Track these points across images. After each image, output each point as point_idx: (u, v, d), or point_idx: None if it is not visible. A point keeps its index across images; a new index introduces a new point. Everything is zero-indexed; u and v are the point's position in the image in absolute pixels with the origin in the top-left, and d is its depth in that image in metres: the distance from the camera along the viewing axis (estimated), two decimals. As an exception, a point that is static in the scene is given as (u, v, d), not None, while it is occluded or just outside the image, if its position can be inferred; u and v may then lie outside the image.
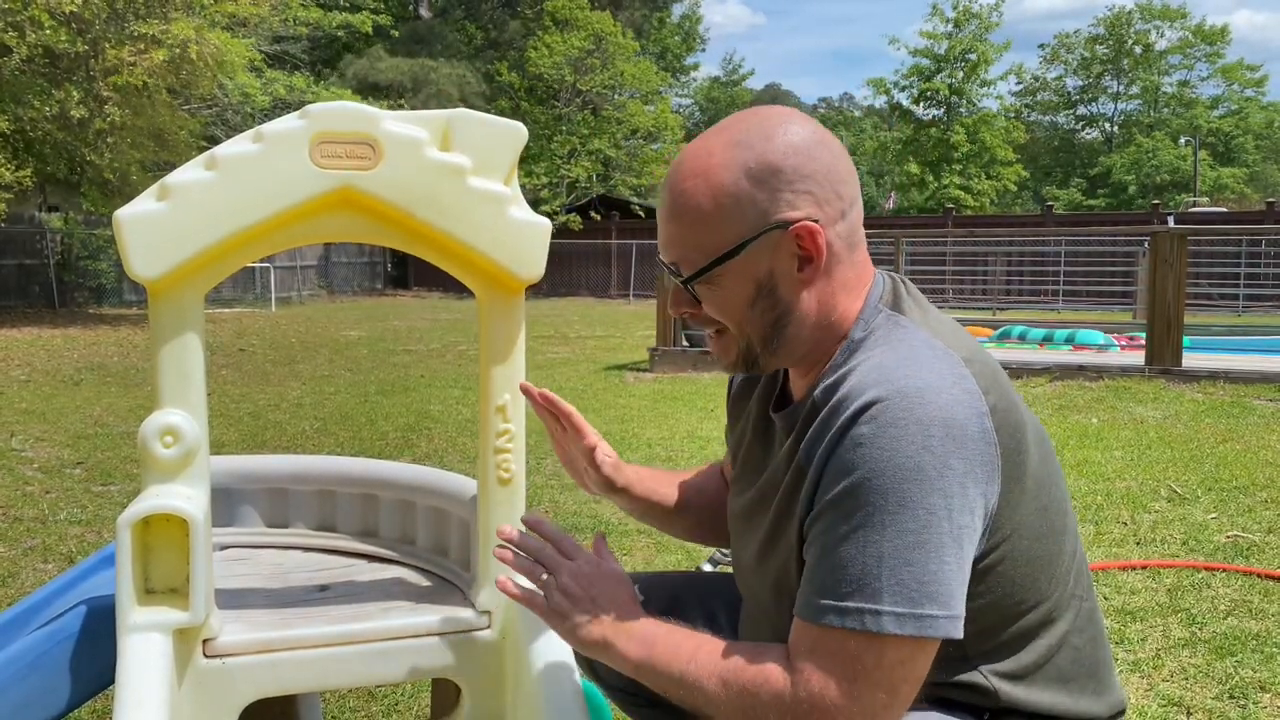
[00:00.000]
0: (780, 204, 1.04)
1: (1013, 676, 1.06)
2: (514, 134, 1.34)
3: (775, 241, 1.04)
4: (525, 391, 1.35)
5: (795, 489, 1.05)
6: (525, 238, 1.32)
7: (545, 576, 1.15)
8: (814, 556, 0.99)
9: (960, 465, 0.95)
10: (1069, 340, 9.97)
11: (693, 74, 45.35)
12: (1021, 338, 10.37)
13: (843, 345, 1.08)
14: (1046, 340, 10.11)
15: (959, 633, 0.94)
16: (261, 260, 20.78)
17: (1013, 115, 39.69)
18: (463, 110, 1.33)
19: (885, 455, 0.94)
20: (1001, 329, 10.87)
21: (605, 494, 1.39)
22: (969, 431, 0.96)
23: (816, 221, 1.04)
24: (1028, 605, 1.06)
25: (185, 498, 1.22)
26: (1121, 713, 1.16)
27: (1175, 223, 15.98)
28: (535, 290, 22.43)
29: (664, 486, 1.44)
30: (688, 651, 1.05)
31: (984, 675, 1.06)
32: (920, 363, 0.99)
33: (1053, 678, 1.08)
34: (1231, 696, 2.33)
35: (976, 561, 0.99)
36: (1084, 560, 1.14)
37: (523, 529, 1.27)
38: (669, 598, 1.39)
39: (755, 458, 1.21)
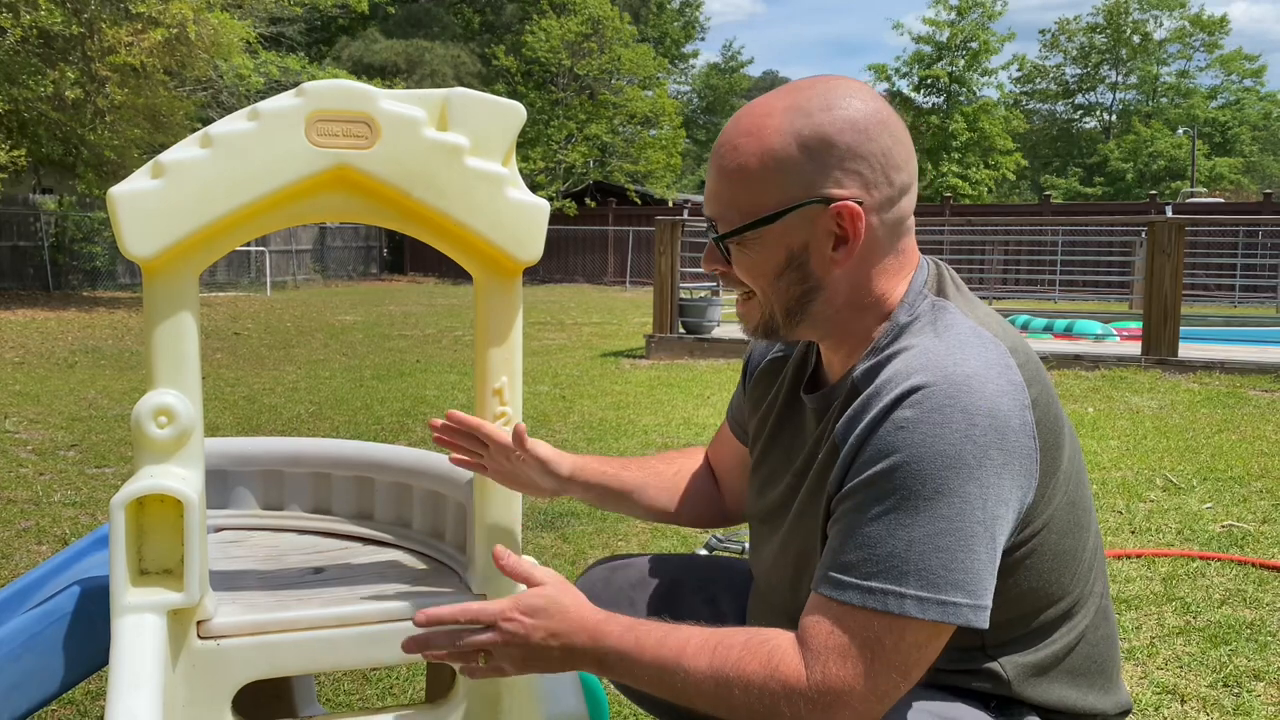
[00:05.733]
0: (827, 179, 1.02)
1: (1028, 669, 1.06)
2: (512, 114, 1.32)
3: (814, 216, 1.03)
4: (431, 425, 1.33)
5: (827, 466, 1.04)
6: (523, 218, 1.31)
7: (482, 637, 1.08)
8: (840, 534, 0.98)
9: (999, 456, 0.94)
10: (1068, 330, 9.98)
11: (692, 61, 45.22)
12: (1025, 327, 10.38)
13: (885, 328, 1.06)
14: (1047, 330, 10.12)
15: (983, 622, 0.94)
16: (256, 244, 20.77)
17: (1011, 104, 39.64)
18: (461, 89, 1.32)
19: (927, 441, 0.93)
20: (1008, 319, 10.84)
21: (557, 488, 1.34)
22: (1011, 424, 0.95)
23: (861, 204, 1.02)
24: (1051, 599, 1.05)
25: (180, 478, 1.22)
26: (1128, 711, 1.15)
27: (1173, 213, 15.98)
28: (531, 276, 22.42)
29: (624, 470, 1.39)
30: (673, 649, 1.02)
31: (1000, 666, 1.05)
32: (968, 351, 0.99)
33: (1066, 673, 1.08)
34: (1225, 685, 2.33)
35: (1008, 553, 0.98)
36: (1102, 557, 1.14)
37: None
38: (670, 582, 1.38)
39: (782, 441, 1.20)
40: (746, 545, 1.83)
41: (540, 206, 1.32)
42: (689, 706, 1.02)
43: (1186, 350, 7.90)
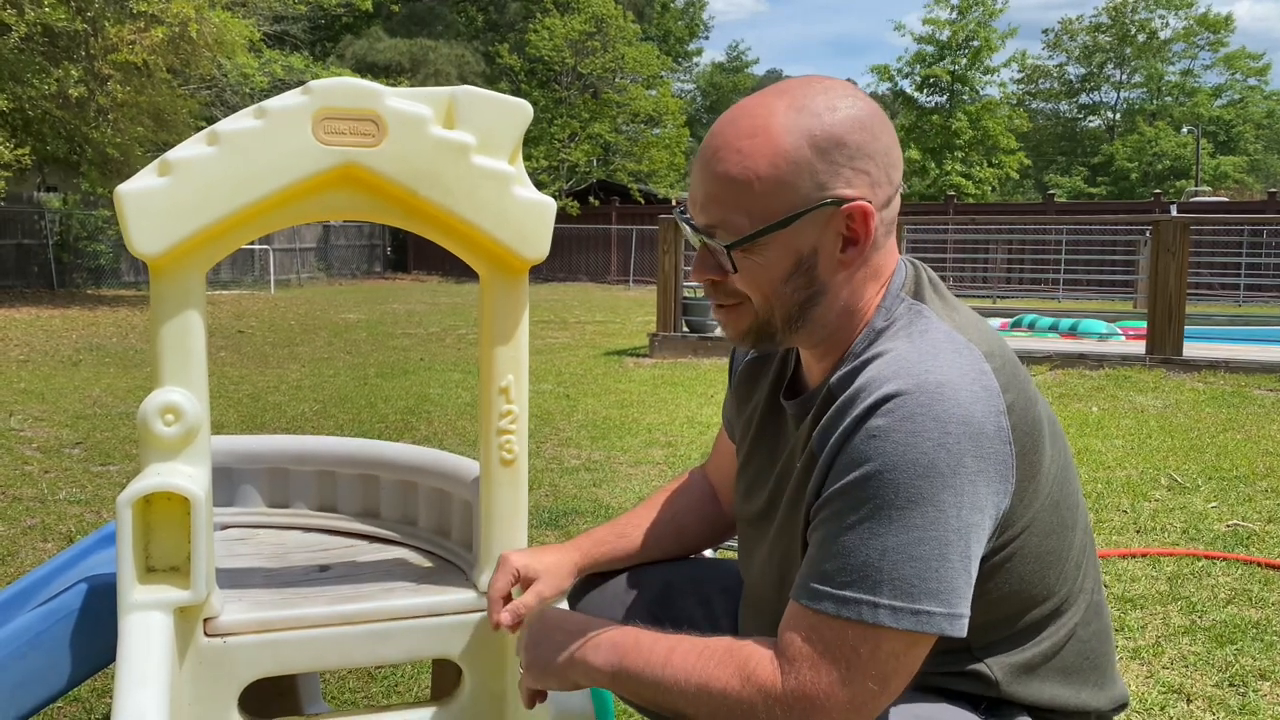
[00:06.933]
0: (838, 179, 0.99)
1: (1016, 669, 1.05)
2: (519, 112, 1.32)
3: (826, 218, 1.00)
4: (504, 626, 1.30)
5: (806, 474, 1.03)
6: (529, 217, 1.31)
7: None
8: (817, 543, 0.97)
9: (974, 464, 0.93)
10: (1072, 329, 9.96)
11: (695, 59, 45.22)
12: (1031, 326, 10.37)
13: (863, 333, 1.05)
14: (1053, 329, 10.11)
15: (960, 631, 0.93)
16: (260, 243, 20.77)
17: (1015, 103, 39.57)
18: (467, 88, 1.31)
19: (900, 449, 0.92)
20: (1015, 318, 10.81)
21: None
22: (985, 430, 0.94)
23: (869, 203, 1.00)
24: (1036, 600, 1.05)
25: (186, 476, 1.22)
26: (1124, 705, 1.15)
27: (1177, 212, 15.95)
28: (534, 275, 22.36)
29: (621, 539, 1.40)
30: (661, 655, 1.02)
31: (987, 666, 1.04)
32: (941, 357, 0.97)
33: (1057, 670, 1.07)
34: (1231, 684, 2.33)
35: (987, 558, 0.98)
36: (1093, 553, 1.13)
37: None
38: (662, 584, 1.37)
39: (764, 444, 1.19)
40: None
41: (546, 204, 1.32)
42: (674, 714, 1.02)
43: (1191, 349, 7.88)
